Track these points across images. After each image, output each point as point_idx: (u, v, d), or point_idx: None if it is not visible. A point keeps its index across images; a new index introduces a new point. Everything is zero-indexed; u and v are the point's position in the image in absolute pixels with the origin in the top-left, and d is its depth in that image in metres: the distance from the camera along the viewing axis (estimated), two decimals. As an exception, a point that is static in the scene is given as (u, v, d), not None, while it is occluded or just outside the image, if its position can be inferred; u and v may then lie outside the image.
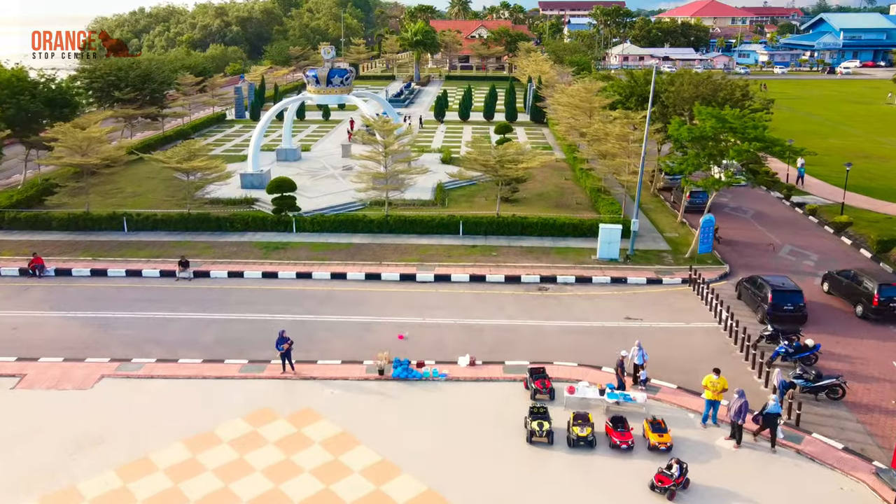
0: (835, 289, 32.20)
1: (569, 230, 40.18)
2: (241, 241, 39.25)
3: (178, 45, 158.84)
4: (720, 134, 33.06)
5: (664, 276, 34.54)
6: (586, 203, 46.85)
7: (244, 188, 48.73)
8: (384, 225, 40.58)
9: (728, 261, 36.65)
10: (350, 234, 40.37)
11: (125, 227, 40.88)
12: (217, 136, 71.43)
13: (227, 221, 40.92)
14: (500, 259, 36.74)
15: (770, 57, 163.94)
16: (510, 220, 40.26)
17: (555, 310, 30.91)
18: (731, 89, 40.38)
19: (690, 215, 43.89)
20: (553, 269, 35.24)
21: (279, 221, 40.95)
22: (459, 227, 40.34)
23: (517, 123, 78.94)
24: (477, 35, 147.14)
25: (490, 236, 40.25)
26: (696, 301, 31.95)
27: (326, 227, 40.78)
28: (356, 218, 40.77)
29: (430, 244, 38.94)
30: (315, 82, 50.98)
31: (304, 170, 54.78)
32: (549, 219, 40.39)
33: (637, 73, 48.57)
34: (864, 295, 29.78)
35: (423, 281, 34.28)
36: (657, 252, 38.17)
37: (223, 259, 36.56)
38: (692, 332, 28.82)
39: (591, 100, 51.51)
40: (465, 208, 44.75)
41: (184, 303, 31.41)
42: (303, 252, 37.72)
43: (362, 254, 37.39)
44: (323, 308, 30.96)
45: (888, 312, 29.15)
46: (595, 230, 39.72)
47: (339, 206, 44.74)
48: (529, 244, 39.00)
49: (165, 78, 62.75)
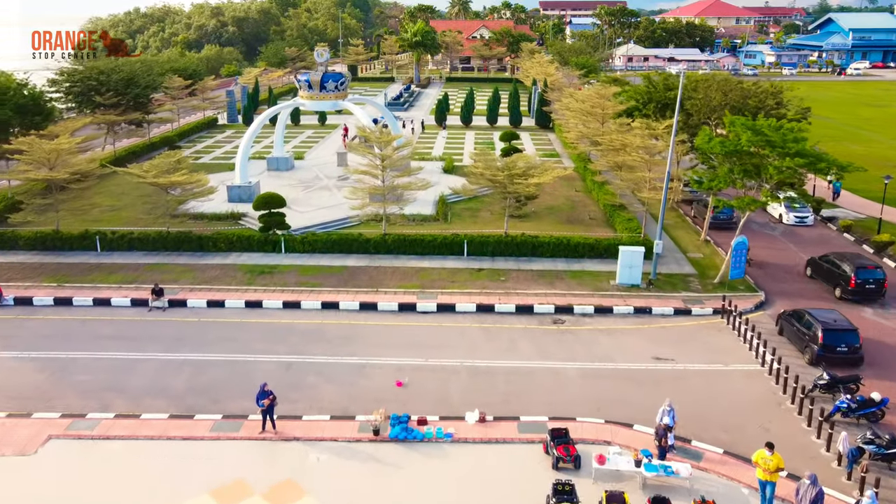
0: (817, 273, 34.36)
1: (584, 251, 36.64)
2: (224, 264, 35.69)
3: (173, 45, 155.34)
4: (757, 148, 29.49)
5: (693, 306, 30.99)
6: (600, 218, 43.34)
7: (231, 202, 45.20)
8: (381, 245, 37.03)
9: (763, 287, 33.09)
10: (344, 256, 36.81)
11: (98, 246, 37.34)
12: (207, 143, 67.90)
13: (210, 241, 37.37)
14: (510, 285, 33.19)
15: (777, 57, 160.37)
16: (519, 240, 36.72)
17: (573, 348, 27.35)
18: (762, 96, 36.79)
19: (714, 232, 40.40)
20: (569, 298, 31.68)
21: (266, 241, 37.40)
22: (464, 248, 36.81)
23: (522, 128, 75.39)
24: (478, 35, 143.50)
25: (497, 258, 36.71)
26: (732, 337, 28.39)
27: (318, 248, 37.23)
28: (351, 237, 37.22)
29: (432, 267, 35.41)
30: (308, 87, 47.42)
31: (296, 180, 51.25)
32: (562, 238, 36.84)
33: (655, 77, 45.01)
34: (842, 277, 32.17)
35: (424, 311, 30.73)
36: (682, 276, 34.62)
37: (203, 285, 33.00)
38: (732, 377, 25.25)
39: (604, 105, 47.96)
40: (470, 224, 41.25)
41: (155, 339, 27.84)
42: (291, 277, 34.17)
43: (357, 279, 33.85)
44: (312, 346, 27.39)
45: (864, 293, 31.78)
46: (612, 251, 36.22)
47: (333, 223, 41.20)
48: (541, 267, 35.46)
49: (150, 81, 59.07)
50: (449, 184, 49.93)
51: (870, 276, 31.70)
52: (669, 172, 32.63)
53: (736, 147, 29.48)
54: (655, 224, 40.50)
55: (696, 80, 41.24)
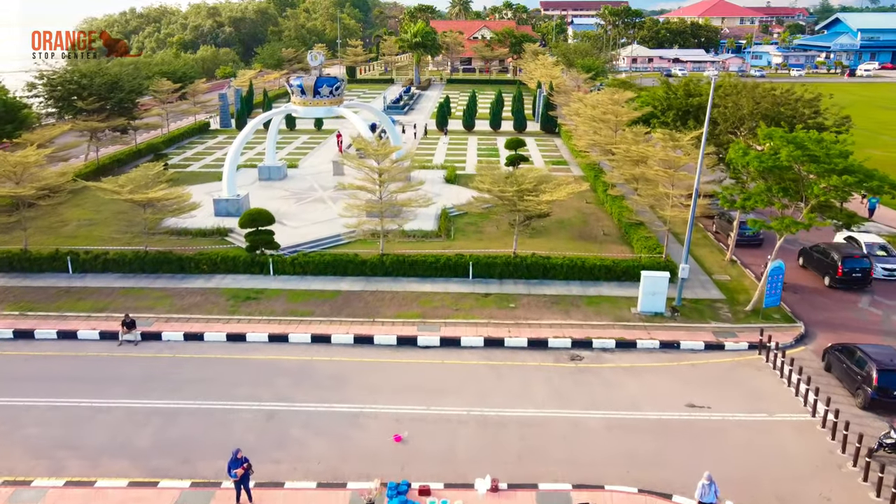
0: (807, 262, 35.43)
1: (600, 273, 33.47)
2: (206, 288, 32.50)
3: (168, 46, 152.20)
4: (798, 164, 26.30)
5: (726, 340, 27.79)
6: (615, 234, 40.19)
7: (218, 216, 42.04)
8: (379, 267, 33.85)
9: (801, 317, 29.90)
10: (338, 279, 33.63)
11: (69, 268, 34.19)
12: (197, 149, 64.73)
13: (192, 262, 34.20)
14: (520, 313, 30.01)
15: (784, 58, 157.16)
16: (530, 262, 33.54)
17: (595, 392, 24.15)
18: (795, 104, 33.55)
19: (739, 250, 37.25)
20: (587, 329, 28.50)
21: (253, 262, 34.22)
22: (469, 270, 33.64)
23: (527, 133, 72.27)
24: (479, 36, 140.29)
25: (506, 280, 33.54)
26: (773, 377, 25.19)
27: (310, 269, 34.04)
28: (345, 259, 34.03)
29: (434, 291, 32.24)
30: (300, 93, 44.23)
31: (289, 191, 48.10)
32: (577, 259, 33.67)
33: (674, 83, 41.81)
34: (830, 266, 33.29)
35: (425, 346, 27.55)
36: (709, 302, 31.44)
37: (181, 314, 29.80)
38: (780, 430, 22.05)
39: (618, 112, 44.78)
40: (474, 242, 38.09)
41: (121, 381, 24.63)
42: (279, 304, 30.99)
43: (352, 306, 30.67)
44: (299, 390, 24.19)
45: (851, 281, 32.89)
46: (632, 273, 33.12)
47: (326, 240, 38.03)
48: (554, 291, 32.28)
49: (135, 85, 55.86)
50: (451, 195, 46.96)
51: (856, 265, 32.94)
52: (697, 189, 29.45)
53: (775, 163, 26.27)
54: (678, 244, 37.48)
55: (724, 86, 38.03)
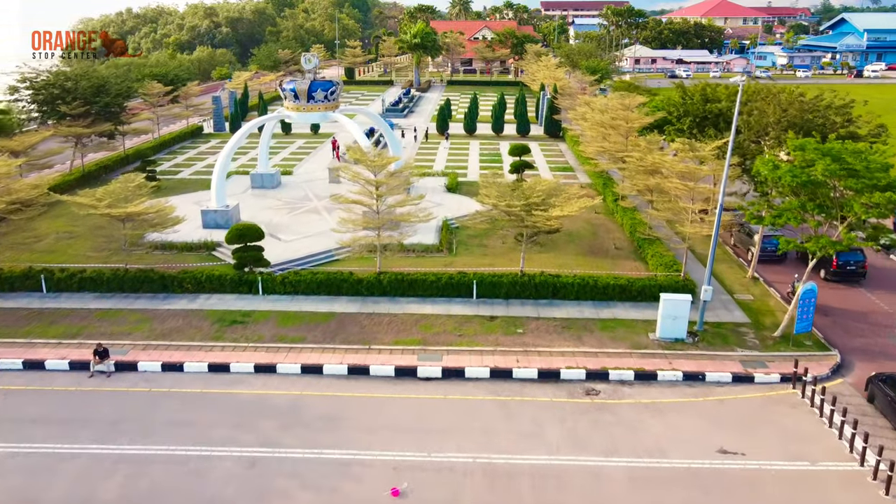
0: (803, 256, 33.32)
1: (614, 293, 31.10)
2: (189, 310, 30.11)
3: (164, 47, 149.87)
4: (835, 179, 23.91)
5: (755, 371, 25.39)
6: (627, 247, 37.84)
7: (206, 228, 39.67)
8: (376, 286, 31.47)
9: (835, 344, 27.49)
10: (332, 299, 31.25)
11: (43, 287, 31.82)
12: (189, 154, 62.38)
13: (175, 281, 31.81)
14: (529, 339, 27.63)
15: (790, 59, 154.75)
16: (538, 281, 31.15)
17: (614, 434, 21.75)
18: (825, 112, 31.11)
19: (761, 266, 34.89)
20: (602, 359, 26.11)
21: (241, 281, 31.83)
22: (472, 290, 31.25)
23: (530, 138, 69.94)
24: (480, 37, 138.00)
25: (512, 301, 31.16)
26: (811, 416, 22.79)
27: (302, 289, 31.67)
28: (340, 277, 31.63)
29: (435, 314, 29.86)
30: (294, 97, 41.84)
31: (282, 200, 45.73)
32: (588, 278, 31.28)
33: (691, 87, 39.38)
34: (825, 260, 32.28)
35: (426, 378, 25.16)
36: (733, 326, 29.05)
37: (160, 341, 27.40)
38: (825, 483, 19.64)
39: (629, 117, 42.38)
40: (478, 257, 35.73)
41: (90, 422, 22.23)
42: (268, 328, 28.59)
43: (346, 330, 28.28)
44: (285, 433, 21.79)
45: (845, 275, 33.34)
46: (648, 293, 30.80)
47: (320, 255, 35.65)
48: (564, 314, 29.90)
49: (122, 89, 53.44)
50: (453, 205, 44.62)
51: (851, 259, 33.02)
52: (722, 204, 27.05)
53: (810, 178, 23.88)
54: (697, 261, 35.11)
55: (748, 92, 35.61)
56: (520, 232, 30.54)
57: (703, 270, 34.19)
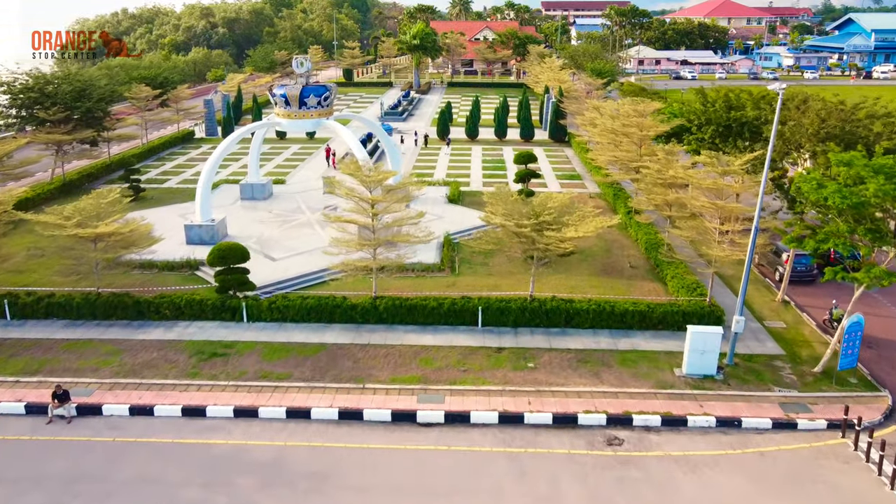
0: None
1: (633, 320, 28.29)
2: (165, 341, 27.31)
3: (160, 48, 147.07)
4: (889, 201, 21.12)
5: (797, 415, 22.57)
6: (643, 265, 35.08)
7: (190, 244, 36.94)
8: (371, 313, 28.66)
9: (885, 383, 24.66)
10: (323, 327, 28.45)
11: (7, 313, 29.05)
12: (179, 161, 59.55)
13: (151, 307, 29.03)
14: (541, 375, 24.83)
15: (796, 60, 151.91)
16: (549, 307, 28.33)
17: (644, 497, 18.94)
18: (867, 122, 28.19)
19: (792, 287, 32.08)
20: (623, 400, 23.31)
21: (224, 307, 29.02)
22: (478, 317, 28.45)
23: (534, 143, 67.16)
24: (482, 37, 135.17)
25: (521, 329, 28.36)
26: (868, 474, 19.96)
27: (290, 316, 28.86)
28: (332, 303, 28.80)
29: (437, 345, 27.07)
30: (284, 104, 39.02)
31: (273, 213, 42.94)
32: (605, 304, 28.47)
33: (711, 92, 36.52)
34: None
35: (427, 424, 22.35)
36: (766, 359, 26.23)
37: (130, 378, 24.58)
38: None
39: (643, 125, 39.56)
40: (483, 276, 32.99)
41: (40, 482, 19.42)
42: (252, 361, 25.78)
43: (338, 366, 25.48)
44: (264, 495, 18.97)
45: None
46: (670, 320, 28.03)
47: (311, 276, 32.86)
48: (579, 344, 27.11)
49: (104, 93, 50.61)
50: (455, 217, 41.86)
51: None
52: (757, 226, 24.24)
53: (861, 200, 21.09)
54: (723, 284, 32.24)
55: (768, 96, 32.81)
56: (529, 255, 27.70)
57: (728, 294, 31.53)
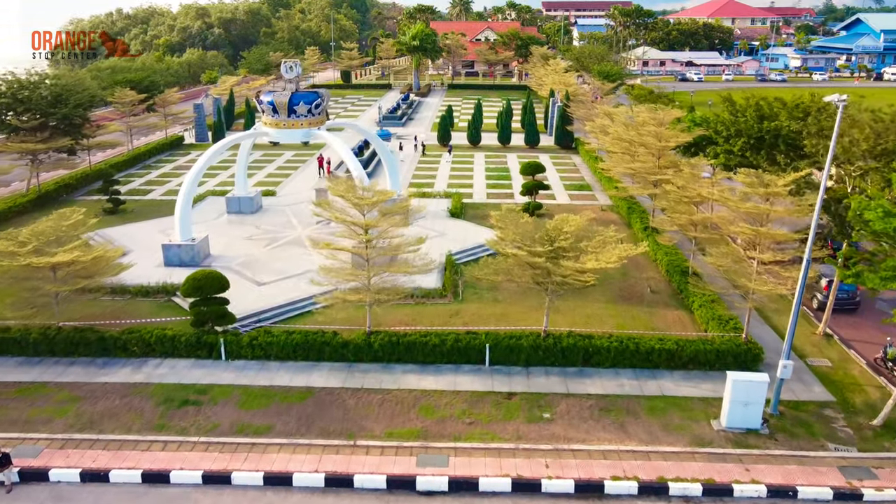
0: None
1: (659, 359, 25.09)
2: (131, 384, 24.08)
3: (154, 48, 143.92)
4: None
5: (861, 482, 19.34)
6: (664, 290, 31.91)
7: (168, 265, 33.77)
8: (365, 351, 25.44)
9: (955, 439, 21.48)
10: (311, 367, 25.22)
11: (-44, 351, 25.88)
12: (165, 169, 56.29)
13: (118, 343, 25.79)
14: (559, 429, 21.61)
15: (803, 61, 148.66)
16: (566, 345, 25.11)
17: None
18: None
19: (835, 317, 28.84)
20: (656, 462, 20.08)
21: (199, 343, 25.78)
22: (485, 355, 25.23)
23: (540, 149, 64.02)
24: (483, 38, 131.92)
25: (534, 369, 25.15)
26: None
27: (274, 353, 25.63)
28: (321, 340, 25.54)
29: (439, 389, 23.84)
30: (272, 112, 35.80)
31: (261, 228, 39.73)
32: (628, 341, 25.24)
33: (739, 99, 33.25)
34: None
35: (428, 492, 19.12)
36: (815, 407, 23.01)
37: (86, 433, 21.35)
38: None
39: (662, 135, 36.33)
40: (489, 304, 29.81)
41: (-34, 574, 16.26)
42: (227, 412, 22.55)
43: (326, 416, 22.26)
44: (233, 593, 15.79)
45: None
46: (702, 359, 24.81)
47: (299, 303, 29.63)
48: (600, 388, 23.90)
49: (82, 99, 47.37)
50: (457, 233, 38.66)
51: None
52: (809, 258, 21.02)
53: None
54: (759, 318, 28.94)
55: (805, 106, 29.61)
56: (544, 288, 24.43)
57: (764, 326, 28.32)
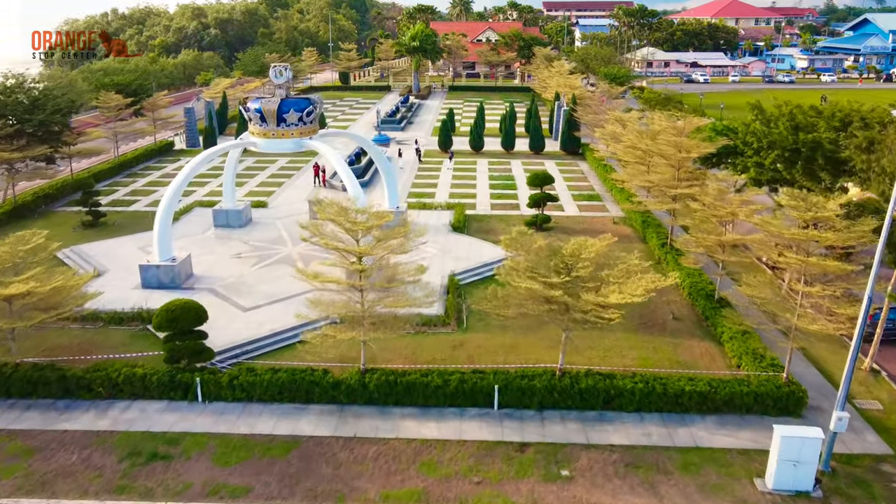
0: None
1: (690, 403, 22.28)
2: (93, 433, 21.27)
3: (149, 49, 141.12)
4: None
5: (936, 562, 16.59)
6: (687, 315, 29.14)
7: (147, 287, 30.97)
8: (359, 392, 22.63)
9: None
10: (298, 410, 22.41)
11: None
12: (153, 177, 53.43)
13: (82, 383, 22.99)
14: (581, 490, 18.80)
15: (810, 62, 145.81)
16: (584, 386, 22.30)
17: None
18: None
19: (883, 349, 25.99)
20: (695, 534, 17.29)
21: (173, 382, 22.96)
22: (493, 397, 22.43)
23: (545, 155, 61.23)
24: (484, 39, 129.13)
25: (548, 413, 22.35)
26: None
27: (257, 394, 22.82)
28: (310, 379, 22.72)
29: (442, 438, 21.04)
30: (260, 120, 32.98)
31: (250, 244, 36.96)
32: (654, 381, 22.44)
33: (770, 107, 30.46)
34: None
35: (430, 576, 16.34)
36: (870, 461, 20.19)
37: (34, 497, 18.52)
38: None
39: (683, 145, 33.51)
40: (496, 332, 27.06)
41: None
42: (199, 469, 19.72)
43: (313, 473, 19.44)
44: None
45: None
46: (739, 402, 22.02)
47: (288, 333, 26.79)
48: (624, 438, 21.09)
49: (60, 104, 44.51)
50: (461, 250, 35.86)
51: None
52: (870, 296, 18.21)
53: None
54: (801, 356, 25.97)
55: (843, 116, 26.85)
56: (562, 321, 21.59)
57: (803, 361, 25.45)
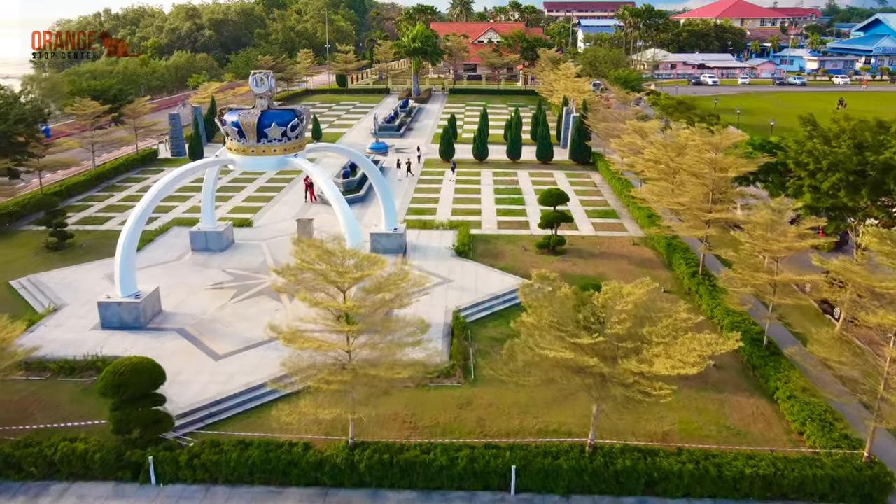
0: None
1: (752, 488, 18.21)
2: (18, 531, 17.23)
3: (141, 50, 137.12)
4: None
5: None
6: (731, 363, 25.07)
7: (106, 328, 26.94)
8: (346, 473, 18.57)
9: None
10: (272, 496, 18.37)
11: None
12: (131, 190, 49.30)
13: (11, 461, 18.96)
14: None
15: (821, 64, 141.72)
16: (620, 467, 18.25)
17: None
18: None
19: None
20: None
21: (121, 462, 18.89)
22: (511, 480, 18.36)
23: (553, 164, 57.23)
24: (486, 40, 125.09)
25: (576, 499, 18.31)
26: None
27: (223, 476, 18.75)
28: (287, 458, 18.65)
29: (449, 538, 16.99)
30: (238, 135, 28.94)
31: (229, 272, 32.93)
32: (705, 461, 18.37)
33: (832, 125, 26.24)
34: None
35: None
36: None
37: None
38: None
39: (720, 163, 29.45)
40: (511, 389, 22.75)
41: None
42: (145, 585, 15.68)
43: None
44: None
45: None
46: (811, 488, 18.07)
47: (263, 389, 22.69)
48: (673, 537, 17.05)
49: (22, 113, 40.48)
50: (466, 280, 31.57)
51: None
52: None
53: None
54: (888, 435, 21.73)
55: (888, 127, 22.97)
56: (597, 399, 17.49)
57: (885, 436, 21.28)
